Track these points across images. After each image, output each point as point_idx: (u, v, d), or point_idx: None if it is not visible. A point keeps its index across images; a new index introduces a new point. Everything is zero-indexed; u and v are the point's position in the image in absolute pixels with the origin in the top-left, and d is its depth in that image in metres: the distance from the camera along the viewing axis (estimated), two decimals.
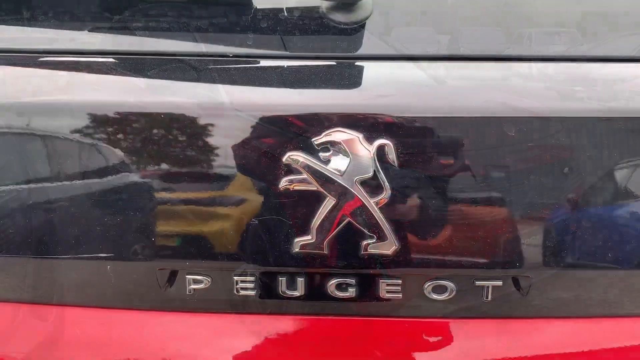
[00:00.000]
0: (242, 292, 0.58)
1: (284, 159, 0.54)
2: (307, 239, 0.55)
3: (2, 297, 0.61)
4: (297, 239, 0.55)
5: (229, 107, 0.56)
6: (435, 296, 0.57)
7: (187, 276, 0.57)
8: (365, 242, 0.55)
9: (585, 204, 0.55)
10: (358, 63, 0.61)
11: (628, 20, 0.65)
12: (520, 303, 0.58)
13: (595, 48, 0.63)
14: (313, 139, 0.54)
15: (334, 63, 0.61)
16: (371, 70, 0.59)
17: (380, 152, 0.53)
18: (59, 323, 0.60)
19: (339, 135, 0.53)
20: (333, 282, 0.57)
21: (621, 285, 0.59)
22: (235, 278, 0.57)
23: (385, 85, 0.58)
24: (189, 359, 0.59)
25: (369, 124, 0.54)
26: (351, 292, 0.57)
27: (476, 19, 0.67)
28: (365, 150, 0.54)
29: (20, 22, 0.65)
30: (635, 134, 0.55)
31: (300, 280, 0.57)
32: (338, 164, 0.54)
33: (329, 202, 0.54)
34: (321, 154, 0.54)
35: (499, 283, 0.57)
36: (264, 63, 0.62)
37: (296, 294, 0.58)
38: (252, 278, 0.57)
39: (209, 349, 0.59)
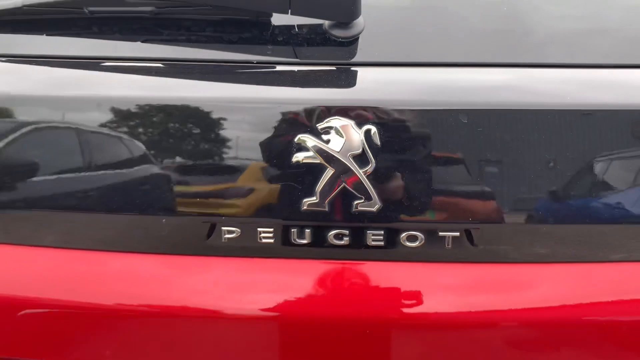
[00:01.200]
0: (264, 241, 0.75)
1: (295, 140, 0.72)
2: (312, 199, 0.73)
3: (79, 245, 0.79)
4: (305, 200, 0.72)
5: (254, 101, 0.74)
6: (409, 244, 0.75)
7: (223, 228, 0.75)
8: (356, 202, 0.72)
9: (522, 169, 0.73)
10: (352, 68, 0.79)
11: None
12: (473, 250, 0.76)
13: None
14: (317, 125, 0.72)
15: (334, 68, 0.79)
16: (361, 74, 0.77)
17: (367, 134, 0.71)
18: (124, 267, 0.78)
19: (336, 122, 0.71)
20: (332, 233, 0.75)
21: (556, 236, 0.76)
22: (259, 229, 0.75)
23: (372, 85, 0.76)
24: (222, 290, 0.77)
25: (359, 114, 0.72)
26: (346, 240, 0.75)
27: (448, 32, 0.86)
28: (356, 133, 0.71)
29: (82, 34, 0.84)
30: None
31: (307, 232, 0.75)
32: (336, 143, 0.71)
33: (329, 172, 0.72)
34: (323, 136, 0.71)
35: (457, 234, 0.75)
36: (279, 68, 0.81)
37: (304, 242, 0.75)
38: (271, 229, 0.75)
39: (237, 283, 0.77)
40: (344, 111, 0.71)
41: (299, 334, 0.76)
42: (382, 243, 0.75)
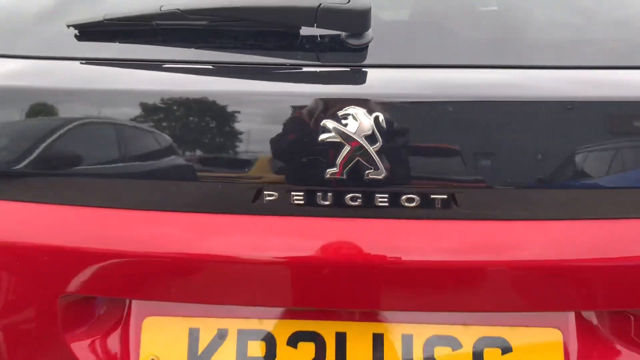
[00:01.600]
0: (296, 202, 0.95)
1: (321, 124, 0.92)
2: (334, 170, 0.91)
3: (148, 207, 1.00)
4: (328, 170, 0.91)
5: (291, 95, 0.96)
6: (407, 204, 0.94)
7: (264, 192, 0.96)
8: (366, 171, 0.90)
9: (493, 150, 0.95)
10: (363, 69, 0.99)
11: None
12: (456, 209, 0.97)
13: None
14: (338, 112, 0.92)
15: (349, 69, 1.00)
16: (371, 73, 0.97)
17: (376, 119, 0.90)
18: (186, 225, 1.00)
19: (352, 110, 0.90)
20: (348, 196, 0.93)
21: (526, 199, 0.96)
22: (292, 193, 0.94)
23: (379, 81, 0.97)
24: (265, 240, 0.98)
25: (369, 104, 0.91)
26: (359, 202, 0.93)
27: (439, 40, 1.08)
28: (367, 118, 0.91)
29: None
30: None
31: (329, 195, 0.94)
32: (352, 126, 0.90)
33: (346, 148, 0.90)
34: (342, 121, 0.90)
35: (445, 197, 0.97)
36: (306, 69, 1.02)
37: (327, 203, 0.94)
38: (301, 193, 0.94)
39: (274, 235, 0.98)
40: (358, 102, 0.92)
41: (323, 274, 0.98)
42: (387, 204, 0.94)
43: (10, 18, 1.20)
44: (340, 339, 1.03)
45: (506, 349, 1.03)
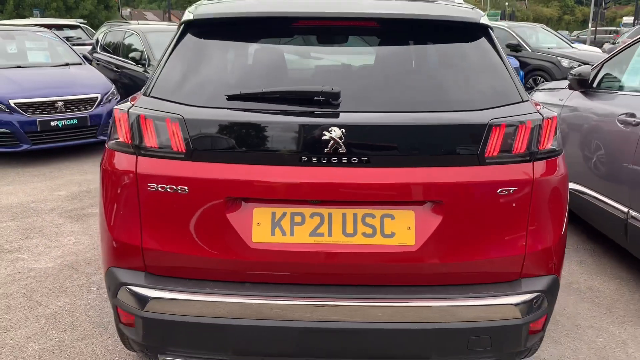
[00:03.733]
0: (313, 161, 2.57)
1: (323, 132, 2.57)
2: (328, 149, 2.54)
3: (259, 163, 2.70)
4: (325, 149, 2.55)
5: (311, 122, 2.63)
6: (353, 161, 2.57)
7: (302, 157, 2.60)
8: (339, 149, 2.53)
9: (385, 145, 2.67)
10: (337, 111, 2.64)
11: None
12: (371, 163, 2.64)
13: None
14: (328, 128, 2.55)
15: (332, 112, 2.65)
16: (341, 114, 2.63)
17: (342, 131, 2.55)
18: (271, 170, 2.69)
19: (334, 127, 2.54)
20: (332, 159, 2.57)
21: (395, 159, 2.70)
22: (312, 158, 2.57)
23: (343, 116, 2.64)
24: (301, 175, 2.67)
25: (340, 124, 2.58)
26: (336, 161, 2.58)
27: (382, 96, 2.80)
28: (340, 131, 2.53)
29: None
30: None
31: (325, 158, 2.56)
32: (334, 133, 2.53)
33: (331, 142, 2.53)
34: (330, 131, 2.53)
35: (366, 158, 2.63)
36: (316, 112, 2.68)
37: (324, 161, 2.55)
38: (315, 158, 2.56)
39: (305, 173, 2.64)
40: (336, 125, 2.60)
41: (322, 183, 2.65)
42: (346, 161, 2.60)
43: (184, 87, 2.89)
44: (329, 215, 2.74)
45: (393, 218, 2.74)
